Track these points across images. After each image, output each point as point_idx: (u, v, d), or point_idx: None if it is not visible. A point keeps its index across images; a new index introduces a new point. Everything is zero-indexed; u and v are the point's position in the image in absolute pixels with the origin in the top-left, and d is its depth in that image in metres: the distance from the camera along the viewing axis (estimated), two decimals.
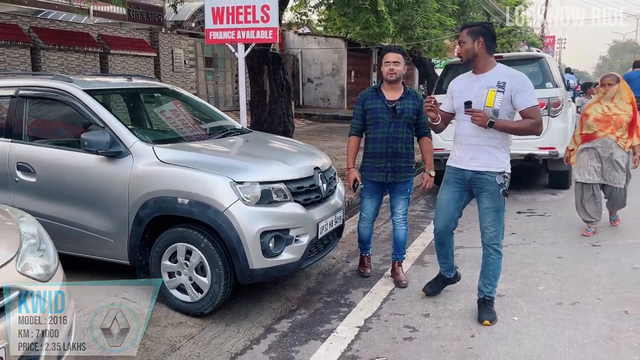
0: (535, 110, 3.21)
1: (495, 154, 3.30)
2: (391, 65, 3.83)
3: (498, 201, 3.34)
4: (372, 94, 3.97)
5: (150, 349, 3.07)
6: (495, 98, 3.19)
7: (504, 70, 3.27)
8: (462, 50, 3.30)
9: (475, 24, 3.37)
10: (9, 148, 3.88)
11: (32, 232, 2.29)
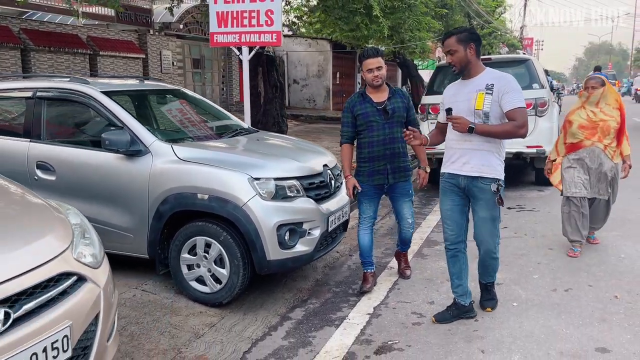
0: (519, 112, 3.08)
1: (489, 158, 3.21)
2: (375, 71, 3.74)
3: (493, 210, 3.28)
4: (359, 99, 3.89)
5: (176, 336, 3.24)
6: (484, 100, 3.14)
7: (492, 73, 3.23)
8: (455, 59, 3.21)
9: (462, 30, 3.27)
10: (28, 148, 4.01)
11: (79, 223, 2.45)
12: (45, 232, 2.21)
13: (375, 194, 3.99)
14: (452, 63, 3.24)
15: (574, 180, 4.63)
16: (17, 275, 1.90)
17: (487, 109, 3.13)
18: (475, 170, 3.22)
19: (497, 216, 3.33)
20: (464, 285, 3.49)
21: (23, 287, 1.90)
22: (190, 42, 17.02)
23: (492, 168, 3.21)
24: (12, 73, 11.00)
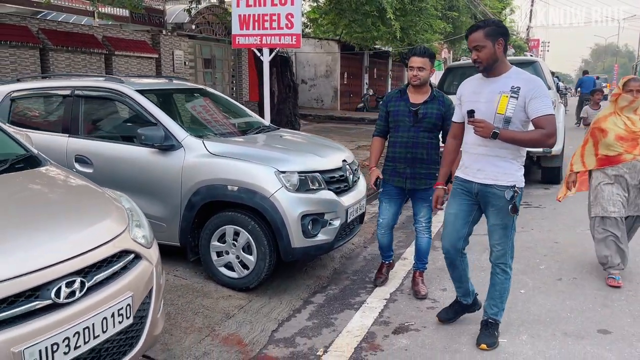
0: (549, 119, 2.81)
1: (505, 165, 2.97)
2: (415, 70, 3.71)
3: (506, 218, 3.01)
4: (397, 95, 3.88)
5: (208, 316, 3.51)
6: (508, 104, 2.86)
7: (519, 74, 2.93)
8: (482, 56, 2.88)
9: (489, 23, 2.94)
10: (67, 142, 4.29)
11: (130, 207, 2.72)
12: (106, 215, 2.48)
13: (397, 195, 3.93)
14: (478, 60, 2.90)
15: (613, 199, 4.03)
16: (88, 250, 2.17)
17: (510, 114, 2.86)
18: (490, 178, 2.99)
19: (509, 225, 3.05)
20: (465, 287, 3.39)
21: (93, 261, 2.17)
22: (201, 42, 17.29)
23: (508, 175, 2.97)
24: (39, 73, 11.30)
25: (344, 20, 9.47)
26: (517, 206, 2.98)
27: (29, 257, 1.98)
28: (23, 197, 2.51)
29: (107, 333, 2.13)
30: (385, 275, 4.21)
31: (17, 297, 1.87)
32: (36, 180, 2.69)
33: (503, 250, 3.12)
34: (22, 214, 2.29)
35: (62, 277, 2.01)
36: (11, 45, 11.08)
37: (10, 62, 11.13)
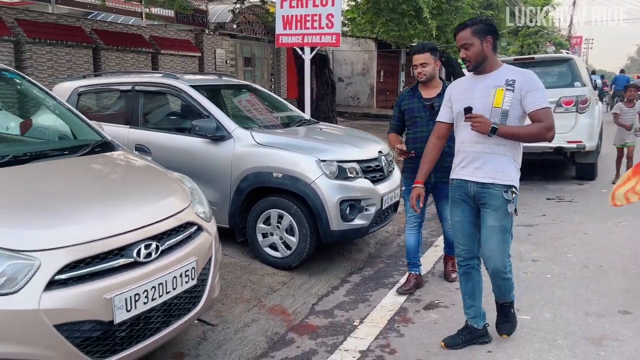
0: (546, 112, 2.76)
1: (504, 164, 2.87)
2: (419, 67, 3.76)
3: (504, 219, 2.87)
4: (409, 93, 3.93)
5: (255, 290, 3.88)
6: (504, 97, 2.79)
7: (512, 69, 2.89)
8: (470, 54, 2.85)
9: (477, 22, 2.91)
10: (128, 133, 4.74)
11: (192, 187, 3.10)
12: (173, 192, 2.87)
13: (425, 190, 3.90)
14: (467, 58, 2.88)
15: None
16: (160, 220, 2.55)
17: (507, 107, 2.79)
18: (488, 176, 2.88)
19: (507, 228, 2.91)
20: (477, 307, 3.15)
21: (165, 229, 2.54)
22: (242, 41, 17.82)
23: (506, 174, 2.86)
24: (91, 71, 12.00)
25: (381, 19, 9.74)
26: (516, 206, 2.88)
27: (115, 223, 2.37)
28: (105, 175, 2.94)
29: (177, 290, 2.51)
30: (411, 286, 3.95)
31: (107, 254, 2.26)
32: (113, 162, 3.10)
33: (501, 258, 2.93)
34: (106, 189, 2.70)
35: (141, 240, 2.39)
36: (67, 45, 11.79)
37: (65, 61, 11.85)
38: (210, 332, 3.26)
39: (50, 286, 2.04)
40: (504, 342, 3.14)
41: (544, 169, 8.87)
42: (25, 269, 2.02)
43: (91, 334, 2.15)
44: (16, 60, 10.80)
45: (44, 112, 4.04)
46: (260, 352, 3.09)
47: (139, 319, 2.33)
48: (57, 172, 2.77)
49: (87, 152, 3.04)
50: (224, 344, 3.13)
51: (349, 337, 3.28)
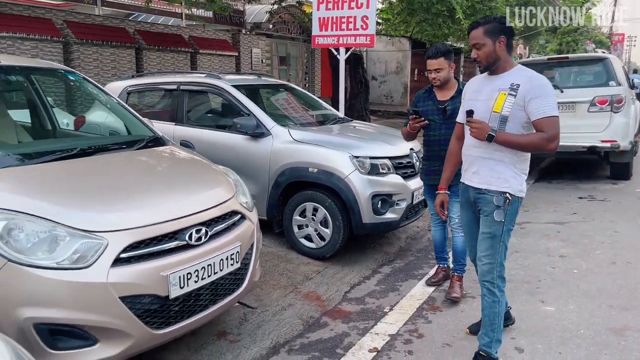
0: (549, 121, 2.58)
1: (500, 170, 2.74)
2: (433, 73, 3.70)
3: (493, 226, 2.75)
4: (424, 95, 3.88)
5: (291, 277, 4.12)
6: (504, 102, 2.67)
7: (522, 71, 2.73)
8: (481, 55, 2.74)
9: (490, 20, 2.77)
10: (173, 129, 5.06)
11: (235, 179, 3.37)
12: (219, 184, 3.14)
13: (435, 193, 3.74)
14: (478, 58, 2.76)
15: None
16: (208, 208, 2.82)
17: (507, 113, 2.67)
18: (484, 182, 2.80)
19: (497, 235, 2.75)
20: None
21: (212, 216, 2.81)
22: (277, 40, 18.15)
23: (502, 180, 2.74)
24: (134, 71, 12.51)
25: (415, 19, 9.87)
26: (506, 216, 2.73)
27: (170, 209, 2.65)
28: (159, 167, 3.24)
29: (223, 271, 2.77)
30: (439, 278, 4.09)
31: (163, 237, 2.54)
32: (165, 156, 3.40)
33: (489, 265, 2.79)
34: (161, 179, 3.00)
35: (192, 225, 2.66)
36: (111, 45, 12.32)
37: (110, 61, 12.38)
38: (251, 314, 3.52)
39: (115, 263, 2.33)
40: (527, 330, 3.29)
41: (577, 168, 8.85)
42: (95, 247, 2.32)
43: (150, 306, 2.43)
44: (65, 60, 11.36)
45: (96, 110, 4.39)
46: (296, 333, 3.33)
47: (190, 296, 2.60)
48: (118, 163, 3.08)
49: (142, 146, 3.35)
50: (263, 325, 3.39)
51: (380, 322, 3.49)
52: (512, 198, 2.73)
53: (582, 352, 3.03)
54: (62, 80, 4.09)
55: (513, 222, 2.81)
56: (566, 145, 7.49)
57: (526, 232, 5.40)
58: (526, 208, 6.41)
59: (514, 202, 2.75)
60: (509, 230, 2.79)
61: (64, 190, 2.57)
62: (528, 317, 3.49)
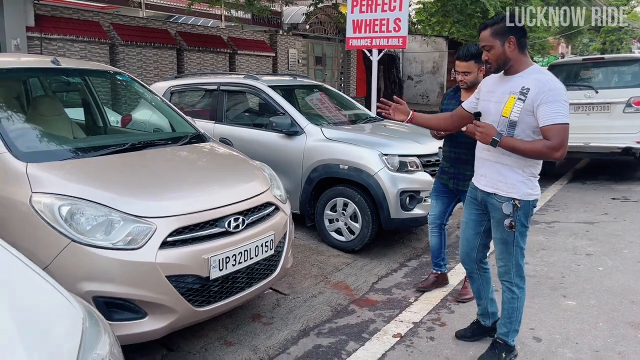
0: (557, 129, 2.50)
1: (508, 174, 2.71)
2: (461, 75, 3.63)
3: (504, 232, 2.76)
4: (452, 93, 3.86)
5: (322, 268, 4.36)
6: (513, 107, 2.60)
7: (533, 73, 2.62)
8: (491, 57, 2.68)
9: (499, 20, 2.68)
10: (213, 127, 5.36)
11: (270, 174, 3.62)
12: (255, 177, 3.39)
13: (444, 193, 3.83)
14: (488, 60, 2.71)
15: None
16: (245, 199, 3.07)
17: (515, 118, 2.61)
18: (490, 185, 2.79)
19: (509, 241, 2.78)
20: (484, 306, 3.19)
21: (249, 207, 3.07)
22: (313, 41, 18.42)
23: (509, 185, 2.71)
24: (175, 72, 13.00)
25: (450, 20, 9.94)
26: (515, 223, 2.71)
27: (211, 199, 2.92)
28: (201, 161, 3.52)
29: (258, 257, 3.02)
30: (429, 284, 4.00)
31: (205, 224, 2.80)
32: (207, 151, 3.68)
33: (505, 267, 2.85)
34: (203, 172, 3.28)
35: (231, 214, 2.92)
36: (154, 46, 12.83)
37: (153, 62, 12.89)
38: (283, 300, 3.77)
39: (163, 246, 2.61)
40: (547, 322, 3.43)
41: (612, 170, 8.77)
42: (145, 231, 2.60)
43: (192, 285, 2.70)
44: (111, 61, 11.91)
45: (143, 108, 4.73)
46: (325, 319, 3.56)
47: (228, 278, 2.86)
48: (165, 157, 3.37)
49: (186, 142, 3.64)
50: (294, 310, 3.63)
51: (404, 311, 3.68)
52: (522, 203, 2.70)
53: (599, 343, 3.15)
54: (112, 81, 4.43)
55: (527, 224, 2.79)
56: (600, 146, 7.50)
57: (555, 231, 5.48)
58: (557, 208, 6.47)
59: (524, 206, 2.71)
60: (522, 233, 2.78)
61: (118, 180, 2.87)
62: (549, 310, 3.61)
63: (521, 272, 2.87)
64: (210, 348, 3.12)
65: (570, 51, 37.56)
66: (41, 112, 3.79)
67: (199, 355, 3.05)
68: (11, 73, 3.61)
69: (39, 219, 2.53)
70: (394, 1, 6.39)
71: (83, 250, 2.49)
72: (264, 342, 3.21)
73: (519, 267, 2.85)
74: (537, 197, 2.79)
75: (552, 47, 24.31)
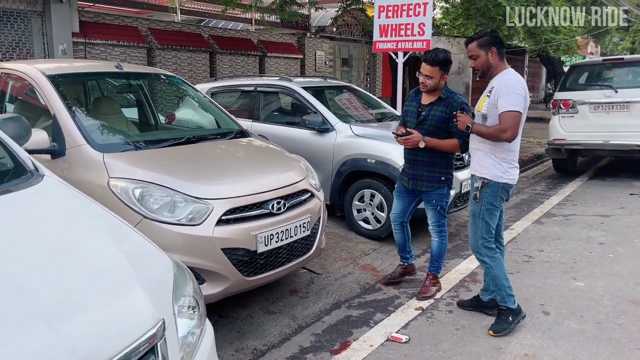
0: (505, 116, 3.06)
1: (483, 159, 3.26)
2: (422, 77, 3.67)
3: (473, 205, 3.29)
4: (413, 95, 3.89)
5: (351, 252, 4.78)
6: (484, 103, 3.23)
7: (503, 75, 3.19)
8: (478, 64, 3.25)
9: (482, 35, 3.27)
10: (250, 125, 5.83)
11: (306, 165, 4.06)
12: (293, 167, 3.84)
13: (405, 193, 3.93)
14: (475, 67, 3.30)
15: None
16: (285, 185, 3.52)
17: (485, 111, 3.21)
18: (473, 169, 3.37)
19: (477, 213, 3.28)
20: (487, 281, 3.53)
21: (289, 192, 3.51)
22: (340, 43, 18.84)
23: (482, 167, 3.26)
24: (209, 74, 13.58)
25: (473, 22, 10.24)
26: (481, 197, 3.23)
27: (257, 185, 3.37)
28: (247, 153, 4.01)
29: (296, 236, 3.47)
30: (396, 275, 4.15)
31: (252, 206, 3.26)
32: (250, 145, 4.15)
33: (474, 239, 3.35)
34: (249, 162, 3.76)
35: (273, 198, 3.37)
36: (188, 49, 13.44)
37: (187, 64, 13.50)
38: (316, 278, 4.21)
39: (218, 223, 3.07)
40: (556, 299, 3.79)
41: (634, 168, 8.97)
42: (203, 210, 3.07)
43: (242, 258, 3.15)
44: (148, 64, 12.55)
45: (184, 108, 5.23)
46: (354, 295, 3.99)
47: (272, 253, 3.31)
48: (216, 149, 3.86)
49: (232, 137, 4.12)
50: (327, 287, 4.07)
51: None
52: (490, 182, 3.22)
53: (602, 316, 3.50)
54: (164, 83, 4.94)
55: (494, 204, 3.25)
56: (620, 144, 7.74)
57: (571, 223, 5.79)
58: (575, 202, 6.76)
59: (493, 186, 3.22)
60: (488, 210, 3.26)
61: (179, 167, 3.35)
62: (558, 290, 3.97)
63: (488, 243, 3.33)
64: (255, 316, 3.58)
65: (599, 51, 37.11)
66: (102, 110, 4.31)
67: (245, 321, 3.51)
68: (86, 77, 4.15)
69: (116, 199, 3.02)
70: (419, 7, 6.78)
71: (153, 225, 2.97)
72: (301, 312, 3.66)
73: (483, 239, 3.31)
74: (509, 182, 3.24)
75: (580, 47, 24.20)
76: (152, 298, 1.64)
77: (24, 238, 1.71)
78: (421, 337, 3.29)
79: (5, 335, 1.28)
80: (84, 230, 1.92)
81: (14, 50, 10.08)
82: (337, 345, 3.21)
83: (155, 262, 1.95)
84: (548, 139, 8.39)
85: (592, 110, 7.94)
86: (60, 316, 1.41)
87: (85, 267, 1.68)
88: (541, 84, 31.44)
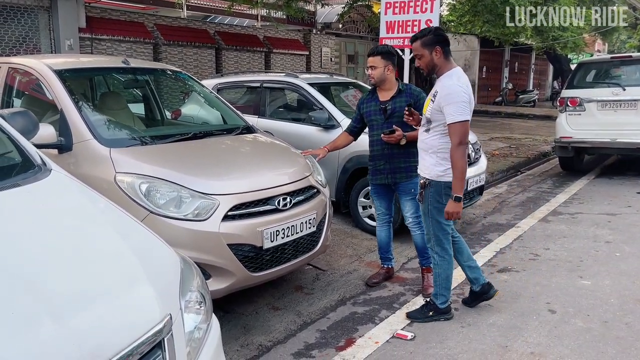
0: (455, 127, 3.03)
1: (425, 158, 3.31)
2: (369, 69, 3.82)
3: (422, 204, 3.39)
4: (368, 97, 3.98)
5: (356, 249, 4.78)
6: (428, 106, 3.21)
7: (445, 79, 3.14)
8: (422, 64, 3.20)
9: (426, 33, 3.19)
10: (256, 121, 5.82)
11: (312, 161, 4.06)
12: (299, 163, 3.83)
13: (384, 192, 4.01)
14: (420, 67, 3.24)
15: None
16: (291, 182, 3.52)
17: (429, 115, 3.19)
18: (418, 168, 3.44)
19: (426, 213, 3.34)
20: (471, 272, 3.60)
21: (294, 189, 3.51)
22: (346, 39, 18.82)
23: (426, 168, 3.29)
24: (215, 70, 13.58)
25: (480, 19, 10.20)
26: (425, 197, 3.29)
27: (263, 181, 3.37)
28: (253, 148, 4.00)
29: (302, 233, 3.46)
30: (380, 279, 4.11)
31: (258, 202, 3.26)
32: (256, 141, 4.14)
33: (427, 235, 3.43)
34: (255, 158, 3.76)
35: (279, 194, 3.37)
36: (194, 45, 13.45)
37: (193, 60, 13.51)
38: (322, 275, 4.22)
39: (224, 219, 3.07)
40: (562, 298, 3.77)
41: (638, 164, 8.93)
42: (209, 205, 3.07)
43: (248, 253, 3.16)
44: (154, 60, 12.57)
45: (190, 104, 5.23)
46: (359, 291, 3.98)
47: (278, 249, 3.31)
48: (222, 145, 3.86)
49: (238, 132, 4.12)
50: (332, 283, 4.07)
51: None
52: (432, 182, 3.26)
53: (609, 315, 3.49)
54: (171, 78, 4.94)
55: (441, 202, 3.23)
56: (628, 142, 7.70)
57: (577, 221, 5.76)
58: (581, 200, 6.73)
59: (435, 185, 3.25)
60: (436, 208, 3.26)
61: (185, 163, 3.36)
62: (565, 288, 3.95)
63: (441, 242, 3.35)
64: (260, 311, 3.59)
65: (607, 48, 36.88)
66: (109, 105, 4.31)
67: (251, 317, 3.52)
68: (93, 72, 4.16)
69: (123, 193, 3.03)
70: (426, 3, 6.75)
71: (159, 220, 2.97)
72: (306, 308, 3.66)
73: (437, 237, 3.34)
74: (451, 180, 3.18)
75: (587, 44, 24.07)
76: (159, 293, 1.64)
77: (31, 232, 1.71)
78: (426, 335, 3.28)
79: (12, 330, 1.29)
80: (92, 225, 1.92)
81: (21, 45, 10.12)
82: (342, 341, 3.21)
83: (162, 257, 1.95)
84: (555, 136, 8.35)
85: (599, 108, 7.89)
86: (67, 310, 1.41)
87: (92, 261, 1.69)
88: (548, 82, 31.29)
